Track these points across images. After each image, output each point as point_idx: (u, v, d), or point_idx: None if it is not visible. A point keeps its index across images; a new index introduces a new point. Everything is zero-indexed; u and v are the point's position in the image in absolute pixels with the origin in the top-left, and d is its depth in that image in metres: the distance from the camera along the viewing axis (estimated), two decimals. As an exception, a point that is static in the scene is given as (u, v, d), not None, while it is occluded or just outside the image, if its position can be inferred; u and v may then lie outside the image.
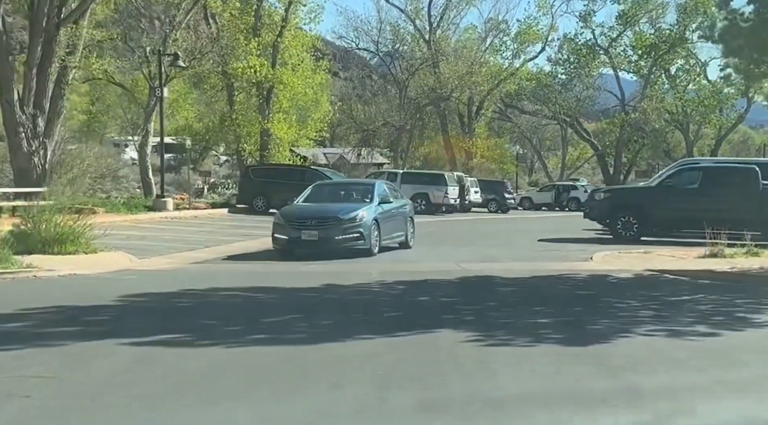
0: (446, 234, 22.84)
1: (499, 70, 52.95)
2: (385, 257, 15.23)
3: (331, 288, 10.65)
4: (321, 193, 16.94)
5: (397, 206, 16.73)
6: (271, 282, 11.22)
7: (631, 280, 11.67)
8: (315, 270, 12.94)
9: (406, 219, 17.17)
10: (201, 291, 10.16)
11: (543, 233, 22.79)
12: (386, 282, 11.34)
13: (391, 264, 13.81)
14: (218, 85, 38.20)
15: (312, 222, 14.89)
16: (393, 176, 36.96)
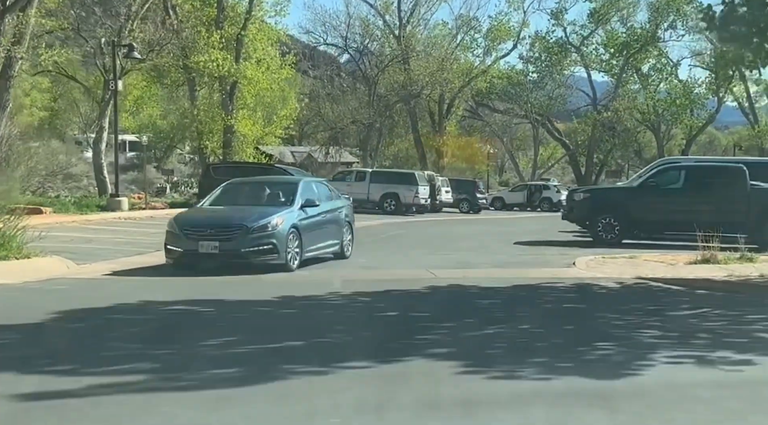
0: (417, 237, 21.62)
1: (471, 67, 51.92)
2: (344, 264, 13.94)
3: (286, 301, 9.35)
4: (234, 194, 13.92)
5: (328, 210, 14.02)
6: (220, 292, 9.89)
7: (622, 291, 10.53)
8: (272, 280, 11.59)
9: (342, 225, 14.50)
10: (136, 305, 8.79)
11: (518, 235, 21.65)
12: (348, 293, 10.07)
13: (356, 271, 12.53)
14: (179, 80, 36.62)
15: (211, 231, 12.18)
16: (362, 175, 35.73)
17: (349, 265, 13.49)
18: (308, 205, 13.12)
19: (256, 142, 36.84)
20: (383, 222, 27.91)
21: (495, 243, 19.01)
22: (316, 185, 14.56)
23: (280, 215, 12.49)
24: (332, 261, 13.89)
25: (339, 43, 48.55)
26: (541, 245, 18.21)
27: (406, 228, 25.19)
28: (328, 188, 15.22)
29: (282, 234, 12.21)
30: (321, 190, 14.42)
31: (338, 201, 14.99)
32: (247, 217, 12.39)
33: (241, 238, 12.06)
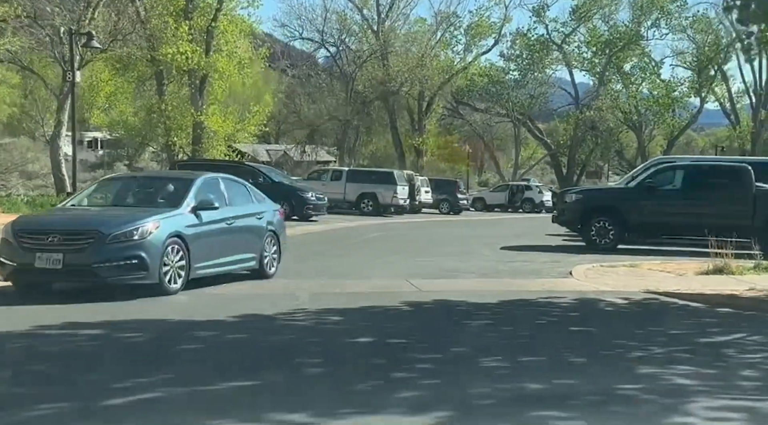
0: (395, 240, 20.12)
1: (451, 63, 50.53)
2: (303, 272, 12.40)
3: (237, 323, 7.82)
4: (111, 192, 11.24)
5: (239, 215, 10.85)
6: (150, 312, 8.33)
7: (634, 309, 9.10)
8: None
9: (263, 235, 11.27)
10: (24, 333, 7.19)
11: (504, 239, 20.23)
12: (314, 310, 8.56)
13: (324, 284, 10.99)
14: (147, 73, 34.88)
15: (54, 239, 9.12)
16: (338, 174, 34.19)
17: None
18: (204, 208, 10.11)
19: (227, 138, 35.18)
20: (360, 224, 26.40)
21: (480, 247, 17.57)
22: (226, 184, 11.16)
23: (156, 219, 9.49)
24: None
25: (315, 37, 46.96)
26: (529, 250, 16.79)
27: (384, 231, 23.70)
28: (247, 188, 11.86)
29: (155, 244, 9.20)
30: (233, 191, 11.17)
31: (259, 205, 11.64)
32: (106, 221, 9.47)
33: (94, 249, 8.99)
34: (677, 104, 60.33)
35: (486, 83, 57.36)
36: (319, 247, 17.40)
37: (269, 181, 26.43)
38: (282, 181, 27.12)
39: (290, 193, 26.18)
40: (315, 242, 19.15)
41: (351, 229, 24.21)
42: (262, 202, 11.86)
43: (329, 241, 19.47)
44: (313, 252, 16.21)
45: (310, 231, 22.25)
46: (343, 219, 27.82)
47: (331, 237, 21.18)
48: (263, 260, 11.17)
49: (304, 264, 13.60)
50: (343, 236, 21.52)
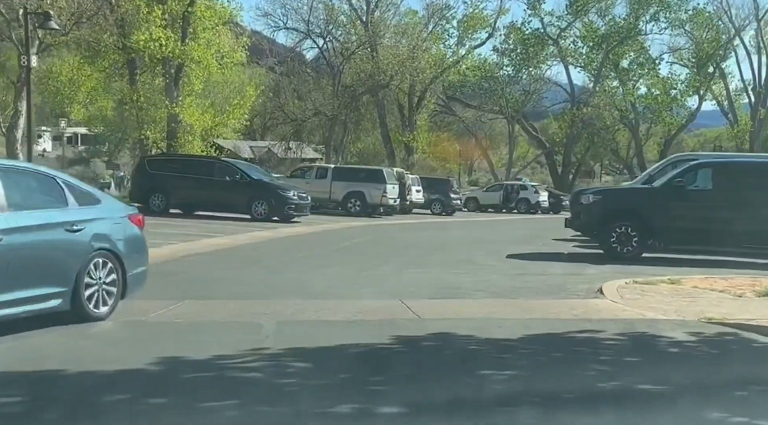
0: (385, 246, 17.85)
1: (443, 57, 48.29)
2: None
3: (169, 370, 5.52)
4: None
5: (20, 226, 6.67)
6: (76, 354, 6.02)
7: (708, 349, 6.83)
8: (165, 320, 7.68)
9: (83, 256, 7.23)
10: None
11: (507, 244, 18.02)
12: (277, 351, 6.26)
13: (298, 306, 8.67)
14: (118, 62, 32.45)
15: None
16: (323, 172, 31.88)
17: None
18: None
19: (204, 133, 32.81)
20: (346, 226, 24.13)
21: (483, 255, 15.32)
22: (5, 177, 6.80)
23: None
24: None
25: (301, 27, 44.51)
26: (540, 259, 14.57)
27: (372, 234, 21.43)
28: (59, 184, 7.46)
29: None
30: (22, 188, 7.06)
31: (81, 210, 7.45)
32: None
33: None
34: (675, 102, 58.36)
35: (479, 78, 55.23)
36: (298, 254, 15.12)
37: (247, 178, 24.18)
38: (261, 178, 24.83)
39: (270, 192, 23.95)
40: (294, 247, 16.87)
41: (336, 232, 21.93)
42: (92, 205, 7.68)
43: (310, 246, 17.19)
44: (291, 260, 13.93)
45: (291, 234, 19.95)
46: (328, 221, 25.54)
47: (313, 241, 18.90)
48: (81, 294, 7.08)
49: (278, 277, 11.32)
50: (327, 240, 19.24)
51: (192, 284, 10.30)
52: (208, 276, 11.28)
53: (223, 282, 10.66)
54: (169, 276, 11.11)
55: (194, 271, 11.77)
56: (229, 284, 10.40)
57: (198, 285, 10.26)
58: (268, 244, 17.18)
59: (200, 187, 24.28)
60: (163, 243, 15.15)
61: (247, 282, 10.73)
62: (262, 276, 11.38)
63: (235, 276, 11.38)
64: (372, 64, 42.22)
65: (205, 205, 24.39)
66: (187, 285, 10.17)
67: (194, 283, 10.40)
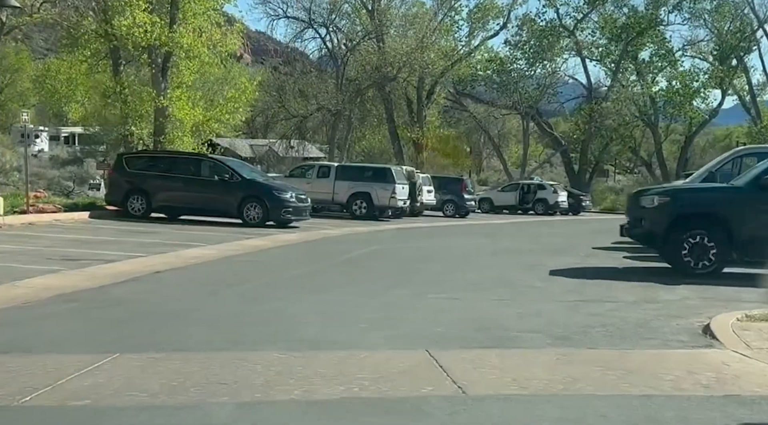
0: (397, 258, 14.93)
1: (454, 48, 45.35)
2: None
3: None
4: None
5: None
6: None
7: None
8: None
9: None
10: None
11: (542, 255, 15.12)
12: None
13: (273, 365, 5.72)
14: (101, 51, 29.59)
15: None
16: (325, 170, 29.01)
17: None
18: None
19: (195, 128, 29.89)
20: (350, 231, 21.24)
21: (518, 270, 12.41)
22: None
23: None
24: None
25: (302, 16, 41.54)
26: (592, 276, 11.64)
27: (380, 242, 18.52)
28: None
29: None
30: None
31: None
32: None
33: None
34: (698, 96, 55.38)
35: (491, 72, 52.30)
36: (291, 271, 12.23)
37: (238, 178, 21.34)
38: (255, 178, 22.00)
39: (264, 193, 21.13)
40: (286, 260, 13.99)
41: (339, 239, 19.05)
42: None
43: (307, 259, 14.31)
44: (279, 280, 11.04)
45: (286, 243, 17.08)
46: (330, 225, 22.67)
47: (311, 251, 16.02)
48: None
49: (258, 309, 8.42)
50: (328, 250, 16.36)
51: (135, 323, 7.41)
52: (164, 307, 8.38)
53: (181, 318, 7.77)
54: (110, 307, 8.26)
55: (149, 299, 8.89)
56: (188, 323, 7.50)
57: (144, 324, 7.37)
58: (256, 256, 14.31)
59: (186, 187, 21.50)
60: (128, 255, 12.35)
61: (215, 318, 7.83)
62: (236, 308, 8.48)
63: (202, 307, 8.50)
64: (378, 56, 39.31)
65: (192, 209, 21.59)
66: (127, 324, 7.29)
67: (139, 321, 7.51)
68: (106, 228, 18.32)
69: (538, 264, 13.29)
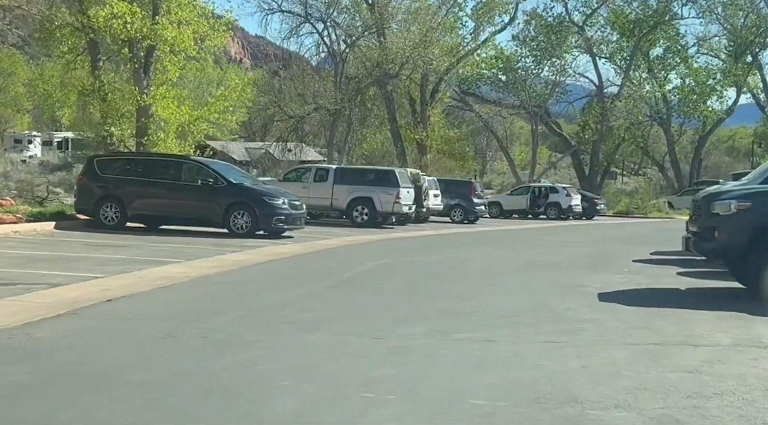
0: (404, 277, 12.50)
1: (460, 43, 42.98)
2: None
3: None
4: None
5: None
6: None
7: None
8: None
9: None
10: None
11: (577, 271, 12.73)
12: None
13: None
14: (79, 46, 27.28)
15: None
16: (323, 173, 26.63)
17: None
18: None
19: (181, 129, 27.53)
20: (351, 241, 18.86)
21: (558, 294, 10.01)
22: None
23: None
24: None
25: (297, 9, 39.11)
26: (655, 303, 9.25)
27: (384, 254, 16.10)
28: None
29: None
30: None
31: None
32: None
33: None
34: (715, 93, 53.05)
35: (497, 70, 49.93)
36: (274, 295, 9.83)
37: (223, 182, 18.96)
38: (243, 182, 19.58)
39: (253, 199, 18.78)
40: (272, 281, 11.59)
41: (337, 252, 16.65)
42: None
43: (296, 279, 11.90)
44: (256, 312, 8.62)
45: (274, 257, 14.68)
46: (328, 234, 20.31)
47: (302, 268, 13.62)
48: None
49: (217, 361, 5.98)
50: (323, 266, 13.96)
51: (33, 395, 5.00)
52: (92, 363, 5.97)
53: (105, 384, 5.35)
54: (14, 363, 5.89)
55: (76, 347, 6.50)
56: (110, 395, 5.09)
57: (44, 398, 4.97)
58: (238, 276, 11.93)
59: (165, 194, 19.15)
60: (82, 277, 10.03)
61: (154, 382, 5.43)
62: (190, 362, 6.09)
63: (144, 361, 6.08)
64: (379, 52, 36.93)
65: (172, 217, 19.24)
66: (23, 398, 4.89)
67: (41, 392, 5.10)
68: (70, 241, 15.93)
69: (578, 284, 10.91)
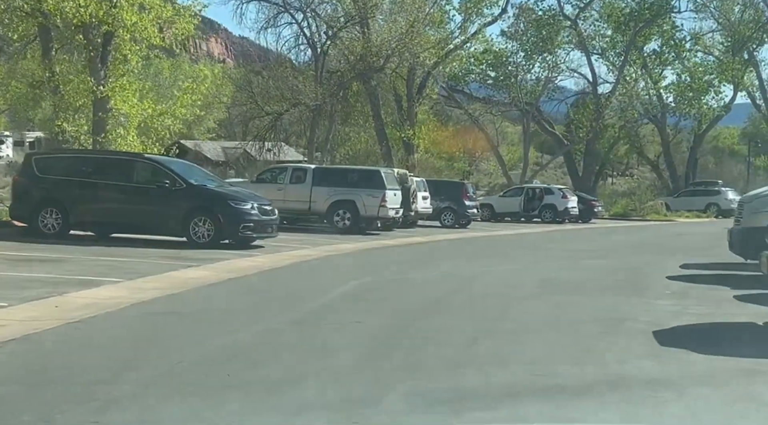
0: (394, 303, 9.89)
1: (448, 37, 40.50)
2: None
3: None
4: None
5: None
6: None
7: None
8: None
9: None
10: None
11: (608, 293, 10.24)
12: None
13: None
14: (29, 33, 24.54)
15: None
16: (300, 174, 23.98)
17: None
18: None
19: (144, 125, 24.81)
20: (329, 252, 16.25)
21: (602, 334, 7.48)
22: None
23: None
24: None
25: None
26: (743, 349, 6.75)
27: (368, 270, 13.51)
28: None
29: None
30: None
31: None
32: None
33: None
34: (713, 89, 50.97)
35: (485, 67, 47.48)
36: (214, 339, 7.14)
37: (182, 184, 16.30)
38: (205, 184, 16.93)
39: (217, 204, 16.20)
40: (222, 313, 8.98)
41: (311, 267, 14.04)
42: None
43: (256, 309, 9.31)
44: (181, 370, 5.99)
45: (234, 274, 12.09)
46: (303, 243, 17.72)
47: (264, 291, 11.03)
48: None
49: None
50: (290, 289, 11.36)
51: None
52: None
53: None
54: None
55: None
56: None
57: None
58: (181, 303, 9.36)
59: (115, 197, 16.52)
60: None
61: None
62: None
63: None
64: (362, 44, 34.37)
65: (123, 224, 16.60)
66: None
67: None
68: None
69: (619, 315, 8.41)
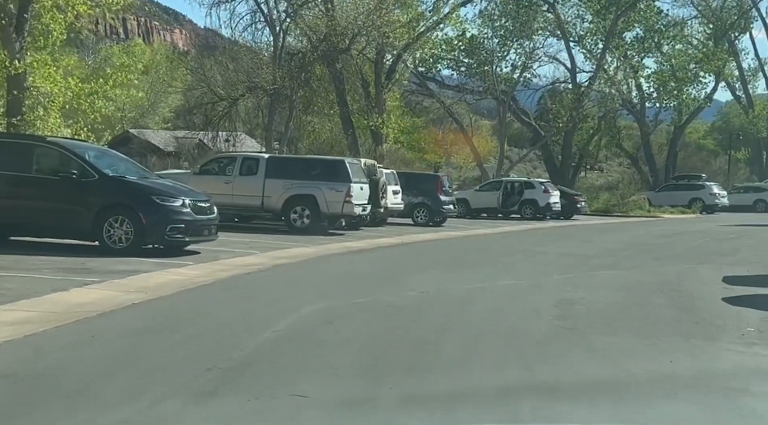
0: (363, 361, 6.74)
1: (419, 17, 37.38)
2: None
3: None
4: None
5: None
6: None
7: None
8: None
9: None
10: None
11: (665, 332, 7.18)
12: None
13: None
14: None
15: None
16: (252, 165, 20.65)
17: None
18: None
19: (69, 106, 21.33)
20: (280, 259, 13.04)
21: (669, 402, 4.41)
22: None
23: None
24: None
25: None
26: None
27: (332, 287, 10.33)
28: None
29: None
30: None
31: None
32: None
33: None
34: (697, 79, 48.71)
35: (458, 52, 44.51)
36: (112, 415, 3.95)
37: (93, 175, 12.97)
38: (124, 176, 13.56)
39: (137, 200, 12.93)
40: (97, 371, 5.68)
41: (253, 282, 10.80)
42: None
43: (154, 361, 6.06)
44: None
45: (146, 296, 8.82)
46: (251, 247, 14.50)
47: (179, 326, 7.79)
48: None
49: None
50: (219, 321, 8.15)
51: None
52: None
53: None
54: None
55: None
56: None
57: None
58: (52, 349, 6.14)
59: (8, 191, 13.13)
60: None
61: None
62: None
63: None
64: (326, 22, 31.11)
65: (21, 225, 13.25)
66: None
67: None
68: None
69: (697, 376, 5.34)
